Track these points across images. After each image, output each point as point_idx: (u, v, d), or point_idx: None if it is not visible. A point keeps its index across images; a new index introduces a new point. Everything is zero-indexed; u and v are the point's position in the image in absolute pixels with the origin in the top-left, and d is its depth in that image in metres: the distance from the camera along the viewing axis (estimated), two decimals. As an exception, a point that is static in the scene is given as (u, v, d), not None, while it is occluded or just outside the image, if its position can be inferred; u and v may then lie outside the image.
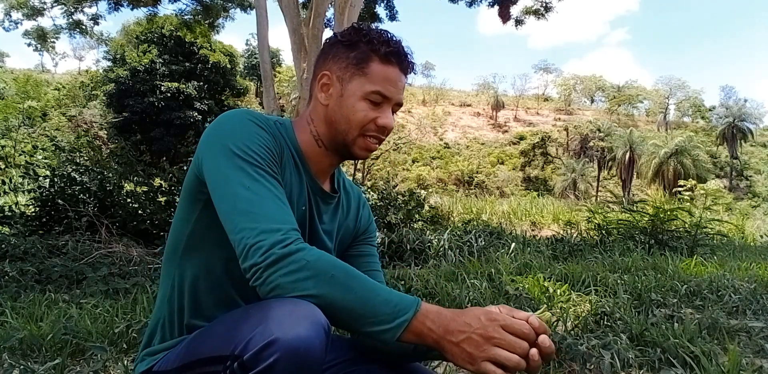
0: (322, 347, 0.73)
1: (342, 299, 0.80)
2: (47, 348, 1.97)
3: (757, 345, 2.29)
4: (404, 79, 1.06)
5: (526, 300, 2.82)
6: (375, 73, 1.02)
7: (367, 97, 1.02)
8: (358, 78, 1.03)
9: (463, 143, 64.38)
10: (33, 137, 28.98)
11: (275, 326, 0.72)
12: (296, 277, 0.80)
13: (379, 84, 1.02)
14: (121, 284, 3.21)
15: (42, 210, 4.99)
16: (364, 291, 0.81)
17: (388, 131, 1.06)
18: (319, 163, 1.09)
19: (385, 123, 1.04)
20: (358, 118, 1.03)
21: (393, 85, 1.04)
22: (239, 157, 0.92)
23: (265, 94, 7.77)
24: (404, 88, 1.07)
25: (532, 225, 10.56)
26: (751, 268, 4.26)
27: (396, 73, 1.04)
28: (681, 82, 78.11)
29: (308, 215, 1.07)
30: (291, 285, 0.80)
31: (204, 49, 28.30)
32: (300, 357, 0.71)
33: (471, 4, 10.99)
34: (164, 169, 5.70)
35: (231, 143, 0.93)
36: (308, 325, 0.73)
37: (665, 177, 42.29)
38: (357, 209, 1.22)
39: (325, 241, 1.11)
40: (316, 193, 1.09)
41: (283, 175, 1.01)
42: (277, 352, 0.70)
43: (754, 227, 10.38)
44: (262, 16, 7.76)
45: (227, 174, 0.91)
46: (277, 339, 0.71)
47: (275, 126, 1.05)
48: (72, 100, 39.63)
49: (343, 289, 0.80)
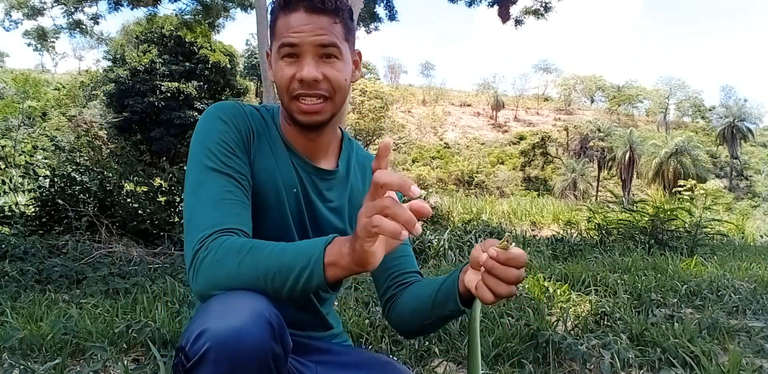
0: (261, 334, 0.72)
1: (255, 274, 0.79)
2: (47, 348, 1.97)
3: (757, 345, 2.29)
4: (318, 19, 0.94)
5: (527, 300, 2.82)
6: (279, 26, 0.97)
7: (280, 55, 0.96)
8: (274, 41, 0.99)
9: (463, 143, 64.37)
10: (33, 137, 28.97)
11: (209, 317, 0.73)
12: (209, 271, 0.81)
13: (283, 35, 0.95)
14: (121, 284, 3.21)
15: (42, 210, 4.99)
16: (273, 256, 0.79)
17: (310, 82, 0.95)
18: (297, 142, 1.05)
19: (301, 74, 0.94)
20: (280, 81, 0.97)
21: (298, 30, 0.94)
22: (194, 157, 0.95)
23: (265, 94, 7.77)
24: (324, 28, 0.94)
25: (532, 225, 10.56)
26: (751, 268, 4.26)
27: (300, 16, 0.94)
28: (681, 82, 78.16)
29: (303, 196, 1.05)
30: (209, 274, 0.81)
31: (204, 49, 28.31)
32: (230, 345, 0.70)
33: (471, 4, 10.98)
34: (164, 169, 5.70)
35: (194, 146, 0.96)
36: (243, 314, 0.73)
37: (665, 177, 42.31)
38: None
39: (332, 220, 1.08)
40: (309, 172, 1.06)
41: (259, 159, 1.00)
42: (208, 342, 0.70)
43: (754, 227, 10.37)
44: (262, 16, 7.76)
45: (187, 181, 0.95)
46: (207, 329, 0.71)
47: (250, 110, 1.03)
48: (72, 100, 39.65)
49: (253, 261, 0.80)
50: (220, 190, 0.91)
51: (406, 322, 1.06)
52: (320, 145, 1.07)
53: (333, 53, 0.96)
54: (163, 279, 3.26)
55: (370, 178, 1.09)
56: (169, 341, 2.01)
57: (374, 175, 0.69)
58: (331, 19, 0.95)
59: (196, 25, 11.68)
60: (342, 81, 0.98)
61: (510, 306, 2.71)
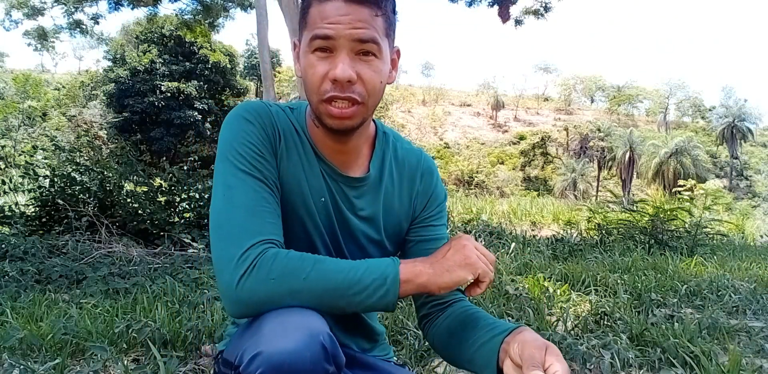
0: (314, 358, 0.71)
1: (324, 289, 0.78)
2: (47, 348, 1.97)
3: (757, 345, 2.29)
4: (356, 9, 0.82)
5: (527, 300, 2.82)
6: (312, 16, 0.85)
7: (311, 48, 0.85)
8: (304, 32, 0.86)
9: (463, 143, 64.35)
10: (33, 137, 28.99)
11: (263, 339, 0.72)
12: (263, 287, 0.78)
13: (317, 26, 0.83)
14: (121, 284, 3.21)
15: (42, 210, 4.99)
16: (341, 272, 0.80)
17: (343, 83, 0.84)
18: (325, 146, 0.96)
19: (334, 74, 0.83)
20: (310, 79, 0.86)
21: (335, 21, 0.82)
22: (224, 160, 0.89)
23: (265, 94, 7.77)
24: (363, 20, 0.83)
25: (532, 225, 10.55)
26: (751, 268, 4.26)
27: (337, 5, 0.82)
28: (681, 82, 78.13)
29: (333, 205, 0.97)
30: (263, 291, 0.78)
31: (204, 48, 28.33)
32: (285, 369, 0.70)
33: (471, 4, 10.97)
34: (164, 168, 5.70)
35: (222, 148, 0.90)
36: (298, 337, 0.71)
37: (665, 177, 42.33)
38: (411, 182, 1.04)
39: (366, 231, 1.01)
40: (336, 179, 0.97)
41: (284, 164, 0.93)
42: (262, 366, 0.70)
43: (754, 227, 10.38)
44: (262, 16, 7.76)
45: (215, 184, 0.89)
46: (261, 352, 0.70)
47: (278, 112, 0.95)
48: (72, 100, 39.62)
49: (320, 277, 0.78)
50: (253, 196, 0.86)
51: (444, 355, 1.04)
52: (350, 149, 0.98)
53: (371, 50, 0.85)
54: (163, 279, 3.26)
55: (408, 177, 1.04)
56: (169, 341, 2.01)
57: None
58: (372, 11, 0.84)
59: (196, 25, 11.68)
60: (378, 83, 0.88)
61: (510, 306, 2.71)
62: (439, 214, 1.07)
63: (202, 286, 3.14)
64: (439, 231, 1.06)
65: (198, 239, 4.73)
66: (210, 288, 2.96)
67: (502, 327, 0.89)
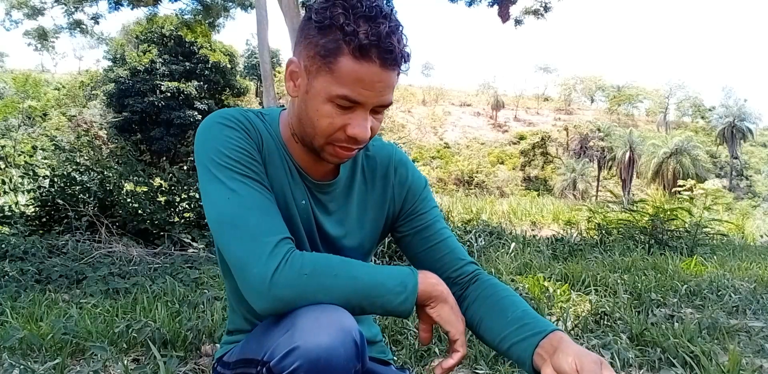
0: (347, 354, 0.73)
1: (352, 288, 0.81)
2: (47, 347, 1.97)
3: (757, 345, 2.29)
4: (389, 76, 0.83)
5: (527, 300, 2.82)
6: (344, 71, 0.81)
7: (332, 100, 0.83)
8: (324, 75, 0.83)
9: (463, 143, 64.37)
10: (33, 137, 28.99)
11: (299, 334, 0.73)
12: (297, 282, 0.79)
13: (347, 86, 0.81)
14: (121, 284, 3.21)
15: (42, 210, 4.99)
16: (367, 274, 0.82)
17: (360, 141, 0.87)
18: (301, 159, 0.97)
19: (354, 133, 0.85)
20: (322, 125, 0.86)
21: (368, 87, 0.82)
22: (216, 166, 0.87)
23: (265, 94, 7.77)
24: (391, 86, 0.84)
25: (532, 225, 10.55)
26: (751, 268, 4.26)
27: (374, 71, 0.81)
28: (681, 81, 78.34)
29: (311, 208, 0.99)
30: (298, 287, 0.79)
31: (204, 48, 28.34)
32: (321, 365, 0.71)
33: (470, 4, 10.97)
34: (164, 168, 5.71)
35: (205, 156, 0.88)
36: (333, 332, 0.73)
37: (665, 177, 42.31)
38: (384, 177, 1.05)
39: (336, 233, 1.02)
40: (309, 186, 0.99)
41: (269, 169, 0.94)
42: (298, 360, 0.71)
43: (754, 227, 10.37)
44: (262, 16, 7.76)
45: (208, 190, 0.87)
46: (298, 347, 0.72)
47: (254, 119, 0.95)
48: (72, 100, 39.65)
49: (350, 275, 0.81)
50: (261, 198, 0.86)
51: (476, 335, 1.00)
52: (322, 163, 0.99)
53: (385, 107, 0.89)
54: (163, 279, 3.26)
55: (381, 174, 1.05)
56: (169, 341, 2.01)
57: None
58: (396, 72, 0.85)
59: (196, 25, 11.69)
60: (378, 127, 0.91)
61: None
62: (424, 202, 1.07)
63: (202, 286, 3.14)
64: (429, 216, 1.06)
65: (198, 239, 4.73)
66: (210, 288, 2.96)
67: (533, 327, 0.88)
